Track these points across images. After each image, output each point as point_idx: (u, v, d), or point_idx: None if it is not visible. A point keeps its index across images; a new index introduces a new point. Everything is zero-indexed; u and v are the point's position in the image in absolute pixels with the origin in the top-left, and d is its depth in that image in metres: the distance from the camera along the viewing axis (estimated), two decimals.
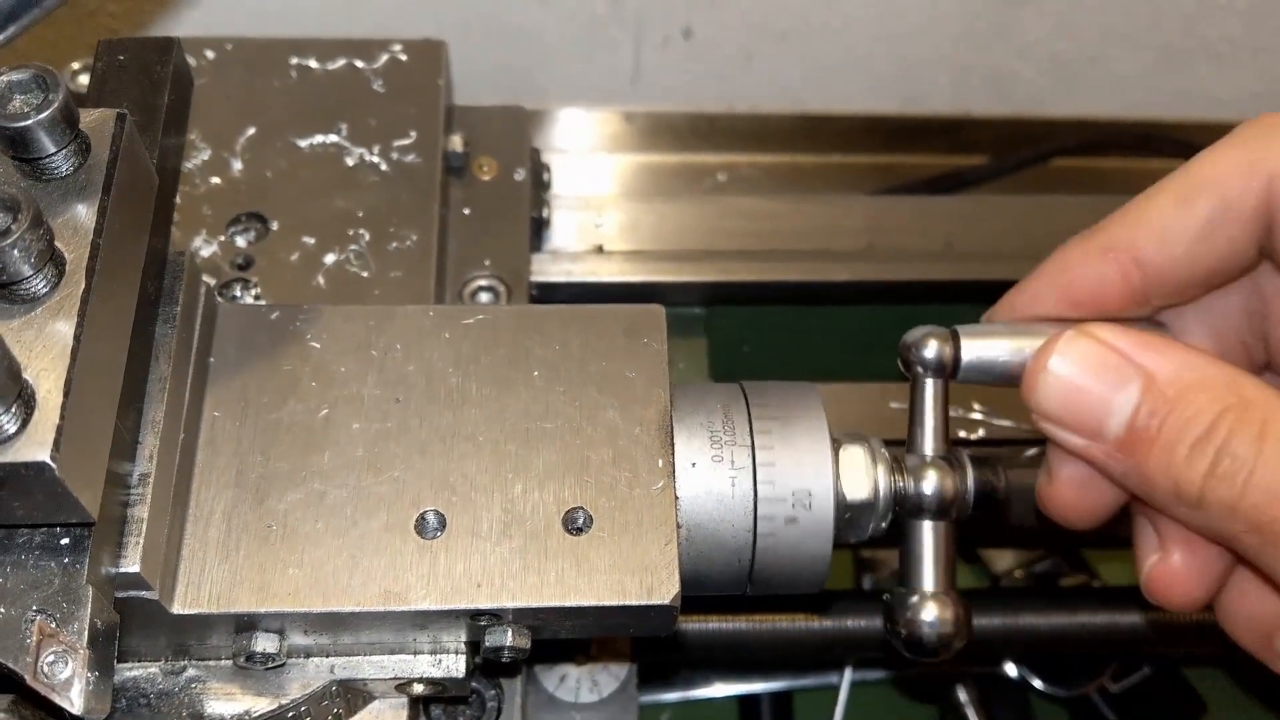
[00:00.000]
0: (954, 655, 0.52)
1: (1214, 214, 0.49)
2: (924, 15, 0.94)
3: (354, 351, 0.53)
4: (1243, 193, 0.49)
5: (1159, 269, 0.51)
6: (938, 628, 0.51)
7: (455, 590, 0.48)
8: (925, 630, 0.51)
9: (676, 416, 0.52)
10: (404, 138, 0.71)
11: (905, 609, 0.51)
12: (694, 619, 0.73)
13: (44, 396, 0.38)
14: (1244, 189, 0.49)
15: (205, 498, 0.49)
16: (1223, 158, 0.50)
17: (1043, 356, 0.48)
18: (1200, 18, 0.95)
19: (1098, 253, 0.52)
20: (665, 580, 0.48)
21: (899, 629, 0.52)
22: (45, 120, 0.40)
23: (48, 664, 0.41)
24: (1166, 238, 0.50)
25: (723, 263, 0.80)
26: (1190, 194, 0.50)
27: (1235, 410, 0.44)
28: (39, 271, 0.39)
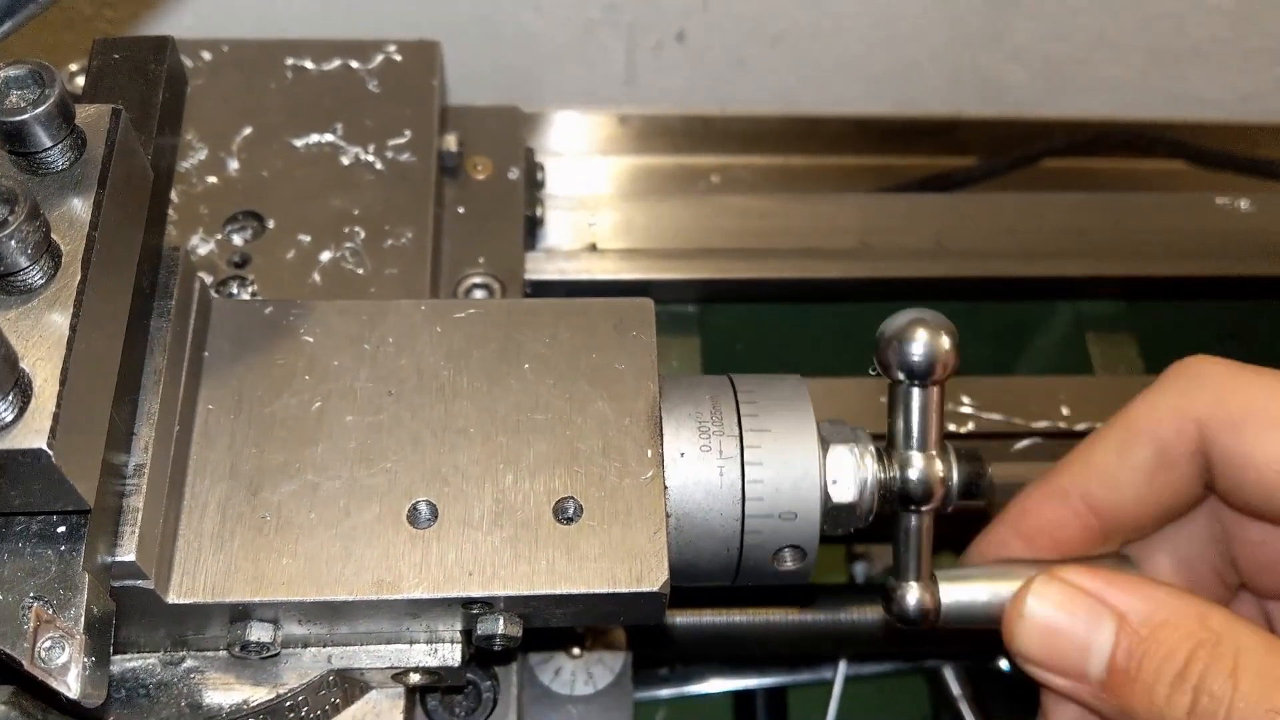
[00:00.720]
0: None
1: (1152, 460, 0.53)
2: (915, 18, 0.95)
3: (347, 345, 0.53)
4: (1177, 438, 0.52)
5: (1111, 512, 0.54)
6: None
7: (447, 579, 0.48)
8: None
9: (665, 408, 0.53)
10: (399, 137, 0.71)
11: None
12: (687, 613, 0.74)
13: (40, 385, 0.39)
14: (1177, 434, 0.52)
15: (200, 489, 0.50)
16: (1155, 405, 0.53)
17: (1018, 603, 0.51)
18: (1189, 19, 0.96)
19: (1052, 498, 0.55)
20: (654, 568, 0.49)
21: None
22: (42, 115, 0.41)
23: (45, 649, 0.41)
24: (1113, 484, 0.54)
25: (716, 260, 0.81)
26: (1129, 442, 0.53)
27: (1207, 646, 0.46)
28: (35, 263, 0.40)
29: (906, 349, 0.51)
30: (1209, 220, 0.83)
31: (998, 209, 0.83)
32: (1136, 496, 0.54)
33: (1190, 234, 0.82)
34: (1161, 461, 0.53)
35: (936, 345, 0.51)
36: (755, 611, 0.75)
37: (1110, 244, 0.81)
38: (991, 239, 0.81)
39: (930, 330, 0.51)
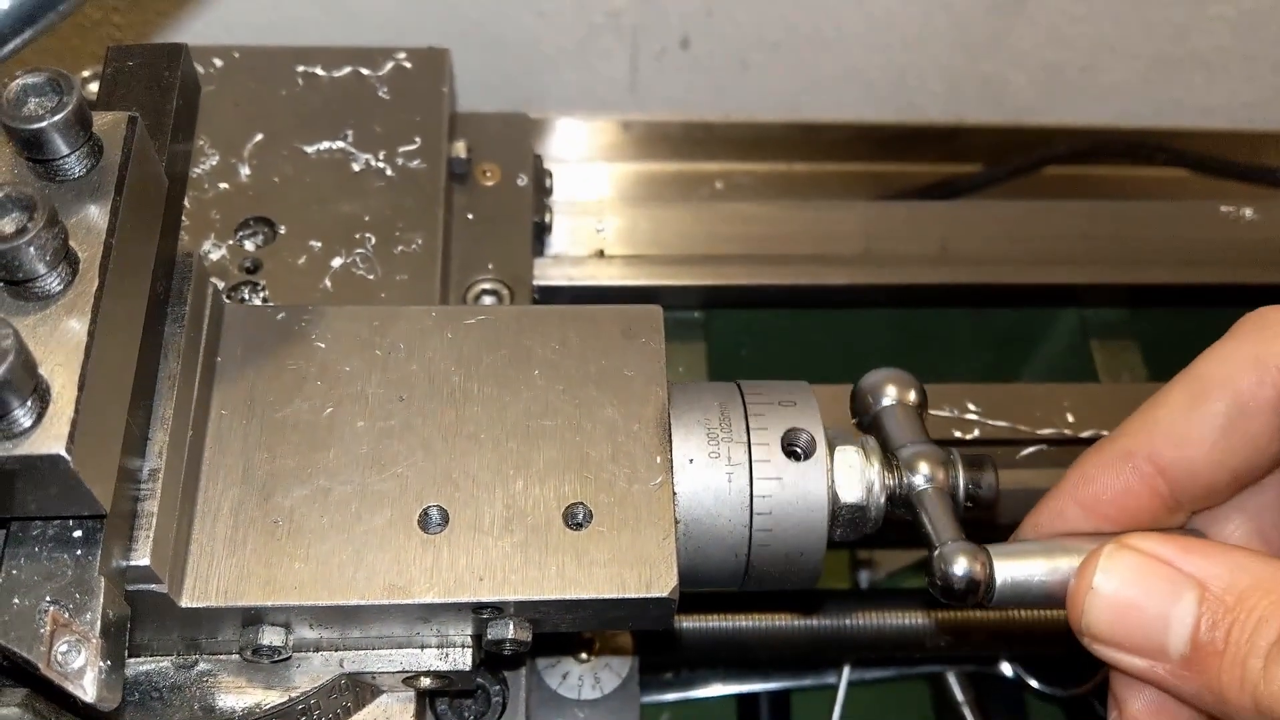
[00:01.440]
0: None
1: (1228, 413, 0.48)
2: (918, 25, 0.95)
3: (358, 351, 0.54)
4: (1257, 389, 0.47)
5: (1182, 473, 0.49)
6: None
7: (458, 584, 0.49)
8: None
9: (674, 414, 0.53)
10: (409, 144, 0.72)
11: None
12: (694, 618, 0.74)
13: (58, 391, 0.39)
14: (1258, 386, 0.47)
15: (213, 493, 0.50)
16: (1229, 355, 0.48)
17: (1086, 575, 0.46)
18: (1191, 27, 0.96)
19: (1116, 462, 0.50)
20: (664, 574, 0.49)
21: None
22: (60, 123, 0.41)
23: (61, 653, 0.41)
24: (1185, 442, 0.49)
25: (722, 267, 0.81)
26: (1202, 395, 0.48)
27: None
28: (53, 270, 0.41)
29: None
30: (1213, 228, 0.84)
31: (1002, 216, 0.84)
32: (1210, 455, 0.48)
33: (1195, 242, 0.83)
34: (1238, 414, 0.48)
35: None
36: (760, 616, 0.76)
37: (1115, 251, 0.82)
38: (996, 246, 0.81)
39: None
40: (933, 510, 0.51)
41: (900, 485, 0.53)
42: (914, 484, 0.52)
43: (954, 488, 0.53)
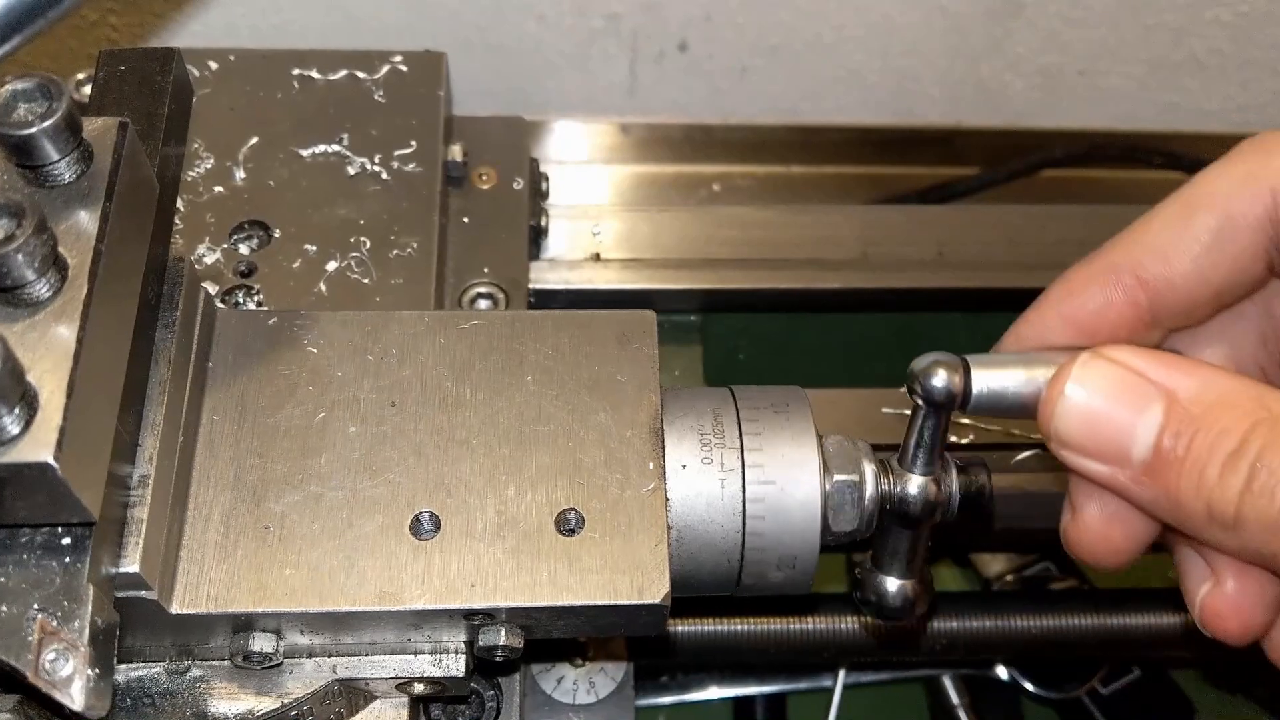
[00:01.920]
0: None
1: (1218, 228, 0.48)
2: (915, 29, 0.95)
3: (350, 356, 0.54)
4: (1248, 206, 0.48)
5: (1165, 288, 0.50)
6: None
7: (450, 590, 0.49)
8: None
9: (667, 420, 0.53)
10: (404, 147, 0.72)
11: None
12: (688, 621, 0.74)
13: (46, 398, 0.39)
14: (1249, 202, 0.48)
15: (204, 499, 0.50)
16: (1224, 173, 0.49)
17: (1059, 382, 0.47)
18: (1188, 31, 0.96)
19: (1101, 275, 0.51)
20: (656, 580, 0.49)
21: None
22: (49, 128, 0.41)
23: (49, 661, 0.41)
24: (1170, 255, 0.49)
25: (718, 271, 0.81)
26: (1192, 210, 0.49)
27: (1266, 424, 0.42)
28: (42, 276, 0.40)
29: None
30: None
31: (999, 220, 0.84)
32: (1193, 269, 0.49)
33: None
34: (1226, 230, 0.48)
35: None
36: (756, 620, 0.75)
37: None
38: (992, 250, 0.81)
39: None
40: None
41: (894, 497, 0.53)
42: (906, 496, 0.52)
43: (949, 495, 0.53)
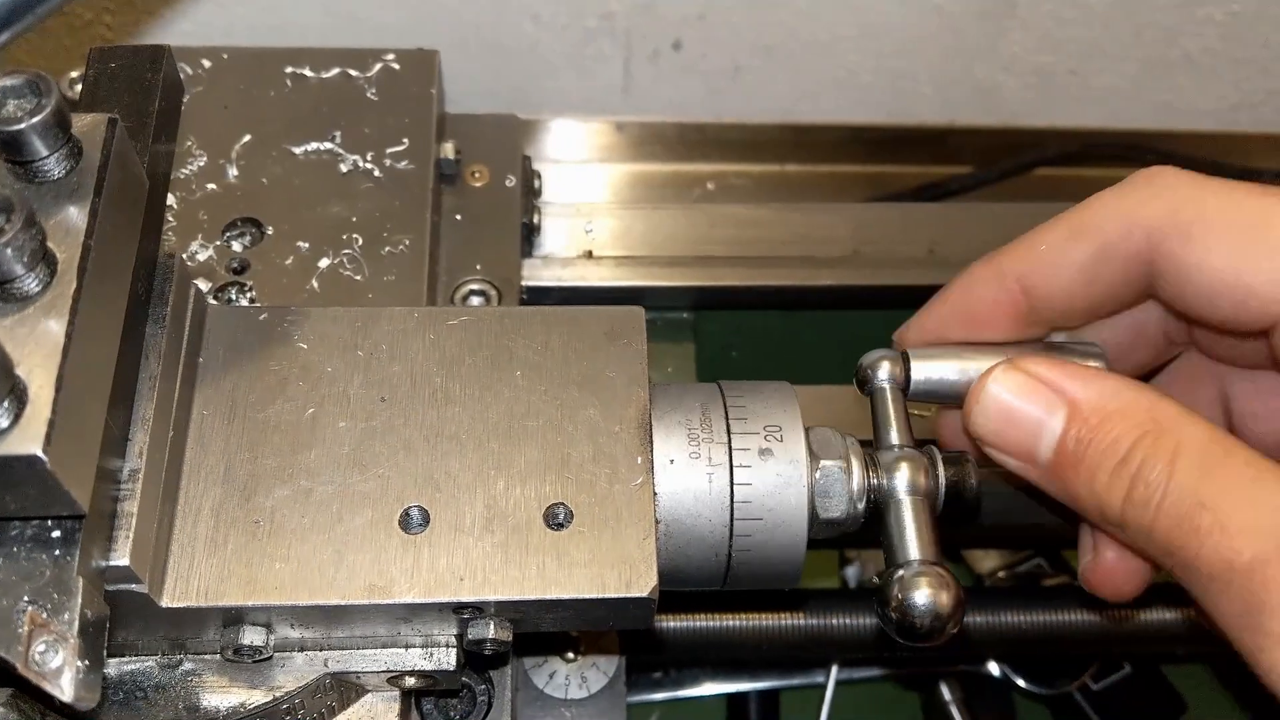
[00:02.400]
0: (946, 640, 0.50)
1: (1095, 256, 0.54)
2: (909, 28, 0.95)
3: (340, 352, 0.54)
4: (1122, 241, 0.53)
5: (1046, 298, 0.56)
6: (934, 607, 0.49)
7: (438, 584, 0.49)
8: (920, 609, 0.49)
9: (655, 415, 0.53)
10: (397, 145, 0.72)
11: (894, 586, 0.49)
12: (681, 617, 0.75)
13: (36, 392, 0.40)
14: (1123, 238, 0.53)
15: (194, 494, 0.50)
16: (1106, 205, 0.54)
17: (980, 386, 0.52)
18: (1181, 31, 0.96)
19: (993, 278, 0.57)
20: (644, 574, 0.49)
21: (890, 611, 0.49)
22: (38, 124, 0.42)
23: (39, 653, 0.42)
24: (1052, 272, 0.55)
25: (710, 268, 0.82)
26: (1074, 236, 0.54)
27: (1151, 435, 0.47)
28: (31, 271, 0.41)
29: None
30: None
31: (990, 218, 0.84)
32: (1070, 288, 0.55)
33: None
34: (1101, 260, 0.54)
35: None
36: (748, 616, 0.76)
37: None
38: (984, 248, 0.80)
39: None
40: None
41: (881, 490, 0.53)
42: (895, 488, 0.52)
43: (934, 489, 0.53)
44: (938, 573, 0.49)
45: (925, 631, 0.49)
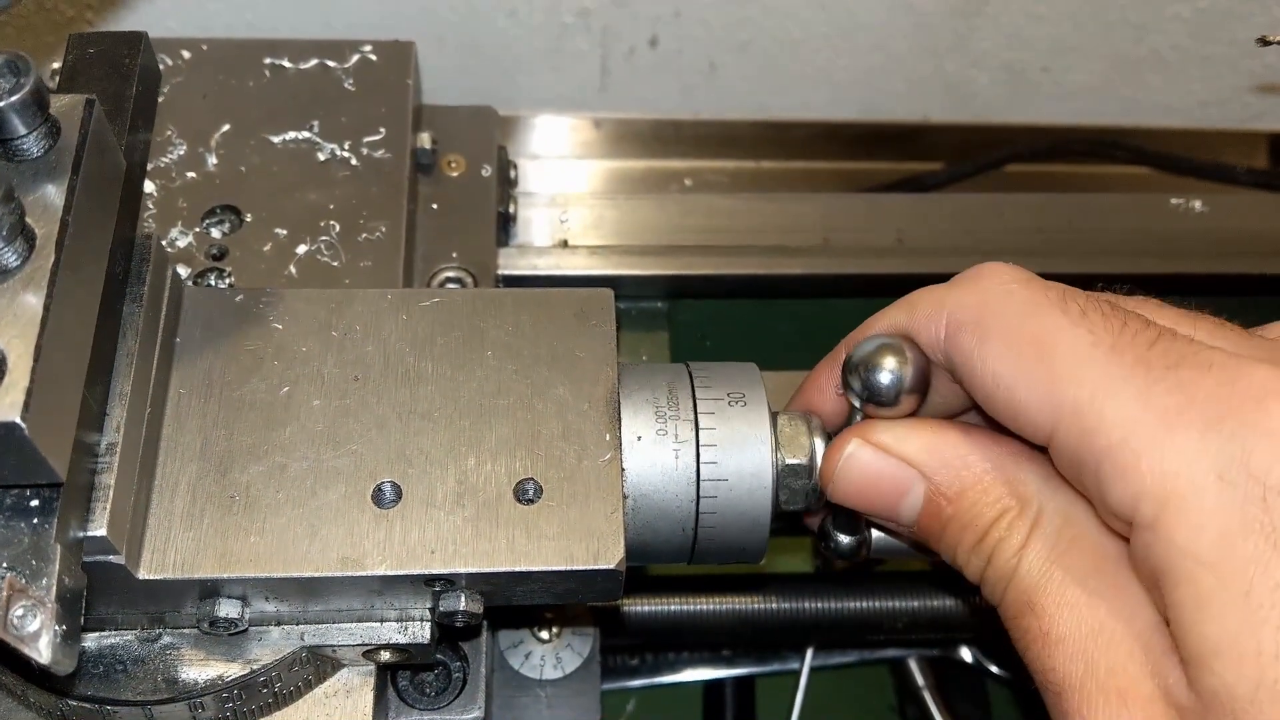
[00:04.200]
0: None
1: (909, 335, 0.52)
2: (881, 25, 0.97)
3: (315, 332, 0.55)
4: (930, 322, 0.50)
5: None
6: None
7: (410, 556, 0.50)
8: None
9: (623, 393, 0.54)
10: (374, 134, 0.73)
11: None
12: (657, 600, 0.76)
13: (14, 361, 0.40)
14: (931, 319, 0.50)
15: (171, 469, 0.51)
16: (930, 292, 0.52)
17: (831, 462, 0.51)
18: (1149, 28, 0.98)
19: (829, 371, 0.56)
20: (611, 546, 0.51)
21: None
22: (17, 103, 0.43)
23: (17, 617, 0.42)
24: None
25: (684, 257, 0.83)
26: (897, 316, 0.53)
27: (1010, 515, 0.47)
28: (10, 244, 0.42)
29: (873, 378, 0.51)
30: (1164, 220, 0.86)
31: (957, 209, 0.85)
32: None
33: (1146, 233, 0.85)
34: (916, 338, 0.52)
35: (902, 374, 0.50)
36: (723, 598, 0.77)
37: (1067, 243, 0.84)
38: (950, 238, 0.83)
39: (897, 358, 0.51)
40: None
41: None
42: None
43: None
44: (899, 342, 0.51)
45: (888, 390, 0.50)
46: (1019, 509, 0.47)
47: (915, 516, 0.50)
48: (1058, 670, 0.43)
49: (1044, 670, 0.44)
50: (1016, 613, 0.45)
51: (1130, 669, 0.42)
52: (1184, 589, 0.41)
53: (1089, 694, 0.42)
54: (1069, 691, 0.43)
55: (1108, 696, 0.42)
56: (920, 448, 0.49)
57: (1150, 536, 0.41)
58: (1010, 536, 0.46)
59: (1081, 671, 0.43)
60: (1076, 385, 0.44)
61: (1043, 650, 0.44)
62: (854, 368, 0.51)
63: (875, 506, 0.51)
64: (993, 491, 0.48)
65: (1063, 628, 0.44)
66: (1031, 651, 0.45)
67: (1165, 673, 0.42)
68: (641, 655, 0.85)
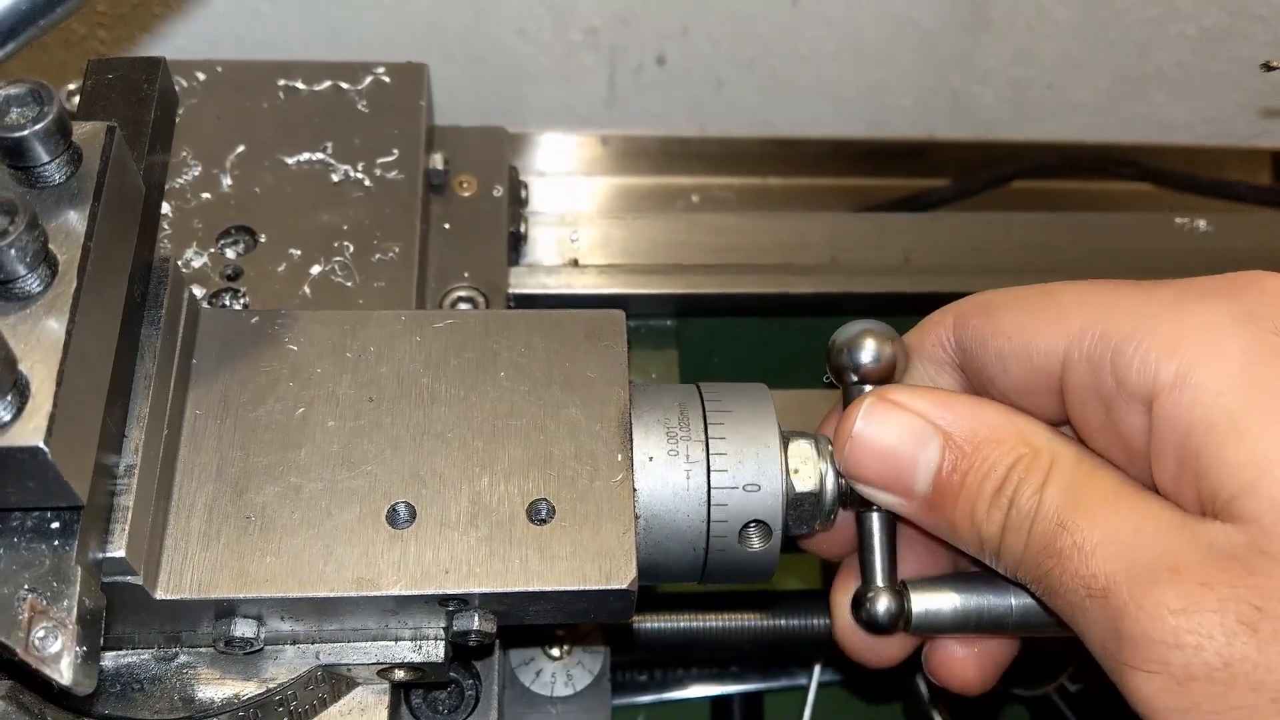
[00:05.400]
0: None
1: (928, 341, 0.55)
2: (888, 42, 0.98)
3: (330, 354, 0.55)
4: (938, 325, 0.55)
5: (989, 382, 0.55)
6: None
7: (425, 576, 0.50)
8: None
9: (635, 414, 0.55)
10: (387, 155, 0.74)
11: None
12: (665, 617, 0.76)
13: (37, 386, 0.41)
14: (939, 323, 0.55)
15: (187, 490, 0.52)
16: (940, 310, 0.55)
17: (847, 423, 0.52)
18: (1153, 46, 0.99)
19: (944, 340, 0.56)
20: (623, 566, 0.51)
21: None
22: (40, 131, 0.43)
23: (38, 638, 0.43)
24: None
25: (692, 276, 0.83)
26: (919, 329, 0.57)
27: (1026, 459, 0.47)
28: (33, 271, 0.42)
29: (858, 354, 0.54)
30: (1169, 239, 0.86)
31: (964, 228, 0.86)
32: None
33: (1151, 252, 0.85)
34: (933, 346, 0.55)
35: (883, 350, 0.54)
36: (732, 616, 0.77)
37: (1073, 261, 0.84)
38: (957, 256, 0.84)
39: (878, 337, 0.54)
40: (870, 543, 0.55)
41: (852, 494, 0.54)
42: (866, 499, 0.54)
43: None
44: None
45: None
46: (1034, 454, 0.48)
47: (930, 478, 0.49)
48: (1100, 574, 0.43)
49: (1085, 581, 0.44)
50: (1045, 543, 0.45)
51: (1173, 547, 0.43)
52: (1217, 428, 0.42)
53: (1138, 581, 0.42)
54: (1116, 588, 0.43)
55: (1157, 576, 0.42)
56: (934, 403, 0.50)
57: (1176, 394, 0.44)
58: (1030, 477, 0.47)
59: (1126, 565, 0.43)
60: (1083, 311, 0.48)
61: (1079, 564, 0.44)
62: (840, 349, 0.54)
63: (891, 468, 0.50)
64: (1008, 440, 0.48)
65: (1098, 535, 0.44)
66: (1068, 569, 0.44)
67: (1209, 539, 0.42)
68: (650, 671, 0.85)
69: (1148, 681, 0.42)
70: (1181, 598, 0.41)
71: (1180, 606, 0.41)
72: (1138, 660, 0.42)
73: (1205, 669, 0.41)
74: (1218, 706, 0.40)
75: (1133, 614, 0.42)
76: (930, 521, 0.51)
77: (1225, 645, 0.40)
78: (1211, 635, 0.41)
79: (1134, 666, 0.42)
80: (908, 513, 0.51)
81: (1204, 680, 0.41)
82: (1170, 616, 0.41)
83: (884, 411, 0.51)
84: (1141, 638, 0.42)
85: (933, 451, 0.49)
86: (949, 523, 0.50)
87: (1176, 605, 0.41)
